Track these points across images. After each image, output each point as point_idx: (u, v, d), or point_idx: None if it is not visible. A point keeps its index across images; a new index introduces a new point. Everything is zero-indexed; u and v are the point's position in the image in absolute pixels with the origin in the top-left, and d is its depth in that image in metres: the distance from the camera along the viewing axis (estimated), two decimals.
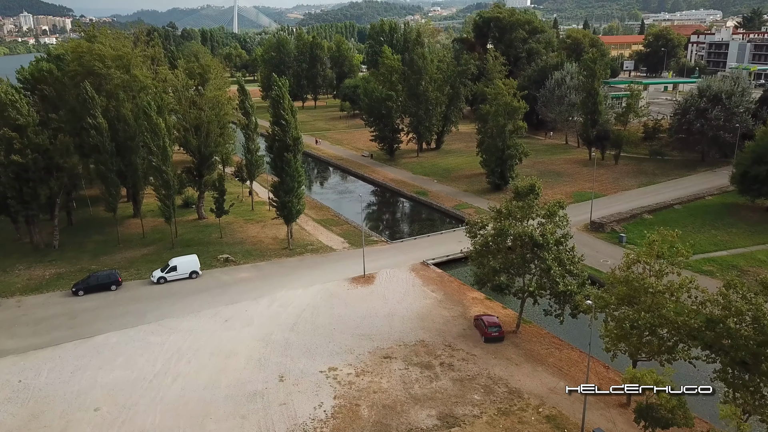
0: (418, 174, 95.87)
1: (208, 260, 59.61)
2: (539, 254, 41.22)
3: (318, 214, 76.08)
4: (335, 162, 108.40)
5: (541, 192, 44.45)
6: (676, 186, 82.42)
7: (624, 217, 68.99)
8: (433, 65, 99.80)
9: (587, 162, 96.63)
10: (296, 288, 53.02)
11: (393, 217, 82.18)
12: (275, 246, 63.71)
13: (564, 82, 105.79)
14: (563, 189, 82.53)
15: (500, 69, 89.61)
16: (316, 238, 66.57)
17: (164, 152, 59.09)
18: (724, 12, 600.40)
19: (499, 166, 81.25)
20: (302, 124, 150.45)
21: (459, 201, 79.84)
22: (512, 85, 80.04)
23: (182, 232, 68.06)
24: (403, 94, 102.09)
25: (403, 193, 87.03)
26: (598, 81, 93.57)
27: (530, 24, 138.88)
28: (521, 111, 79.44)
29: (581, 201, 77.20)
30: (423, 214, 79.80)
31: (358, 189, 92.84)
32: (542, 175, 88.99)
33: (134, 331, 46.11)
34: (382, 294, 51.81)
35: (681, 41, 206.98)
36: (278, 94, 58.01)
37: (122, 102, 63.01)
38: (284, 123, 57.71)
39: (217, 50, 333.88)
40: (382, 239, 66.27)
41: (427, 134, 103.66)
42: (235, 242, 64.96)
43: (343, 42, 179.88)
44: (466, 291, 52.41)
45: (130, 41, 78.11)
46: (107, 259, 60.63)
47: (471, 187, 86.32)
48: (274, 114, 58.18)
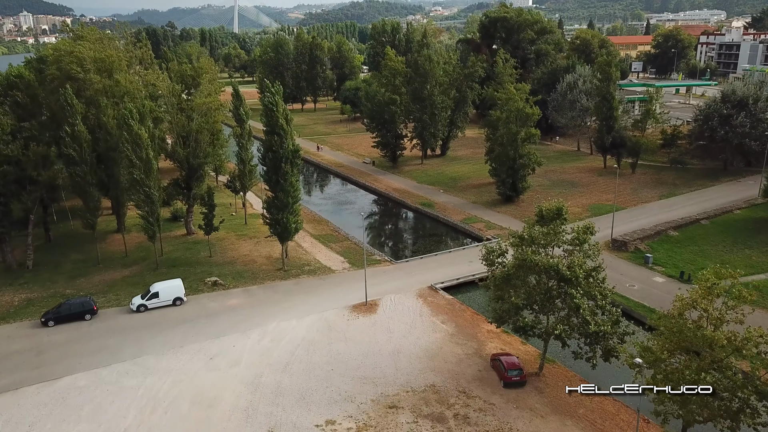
0: (423, 183, 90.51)
1: (195, 283, 54.31)
2: (567, 290, 35.83)
3: (316, 229, 70.73)
4: (335, 169, 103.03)
5: (568, 216, 38.93)
6: (699, 198, 77.00)
7: (648, 234, 63.54)
8: (438, 68, 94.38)
9: (602, 170, 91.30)
10: (290, 318, 47.69)
11: (397, 231, 76.75)
12: (269, 266, 58.37)
13: (576, 86, 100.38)
14: (579, 201, 77.14)
15: (511, 72, 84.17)
16: (313, 257, 61.22)
17: (147, 165, 53.78)
18: (728, 12, 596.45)
19: (511, 177, 75.87)
20: (301, 128, 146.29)
21: (467, 214, 74.45)
22: (524, 89, 74.66)
23: (169, 250, 62.76)
24: (407, 98, 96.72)
25: (407, 205, 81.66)
26: (613, 85, 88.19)
27: (539, 24, 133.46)
28: (534, 118, 74.06)
29: (599, 214, 71.87)
30: (429, 228, 74.41)
31: (359, 199, 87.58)
32: (555, 185, 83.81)
33: (107, 371, 40.79)
34: (387, 326, 46.45)
35: (691, 42, 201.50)
36: (271, 100, 52.60)
37: (103, 109, 57.61)
38: (281, 132, 52.40)
39: (216, 50, 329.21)
40: (385, 259, 60.90)
41: (432, 140, 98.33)
42: (226, 262, 59.62)
43: (343, 42, 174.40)
44: (479, 322, 47.04)
45: (114, 42, 72.80)
46: (84, 282, 55.32)
47: (480, 198, 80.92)
48: (268, 122, 52.84)
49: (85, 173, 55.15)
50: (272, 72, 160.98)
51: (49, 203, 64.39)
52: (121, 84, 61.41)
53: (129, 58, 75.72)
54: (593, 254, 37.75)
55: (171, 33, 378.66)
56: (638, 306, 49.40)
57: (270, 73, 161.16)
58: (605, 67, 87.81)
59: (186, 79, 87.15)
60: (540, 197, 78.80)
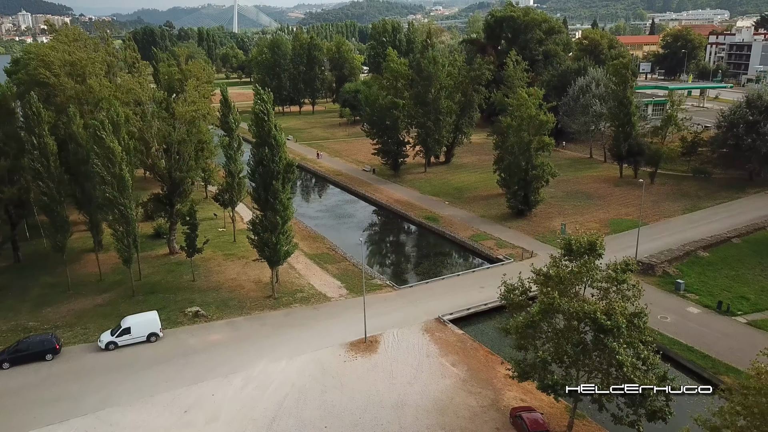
0: (427, 193, 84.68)
1: (174, 314, 48.51)
2: (606, 342, 29.96)
3: (311, 247, 64.89)
4: (333, 178, 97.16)
5: (603, 251, 33.03)
6: (726, 212, 71.19)
7: (676, 255, 57.67)
8: (444, 70, 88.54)
9: (618, 180, 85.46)
10: (279, 359, 41.87)
11: (399, 249, 70.67)
12: (257, 293, 52.54)
13: (589, 90, 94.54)
14: (596, 215, 71.31)
15: (521, 76, 78.26)
16: (307, 281, 55.39)
17: (121, 181, 47.96)
18: (731, 11, 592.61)
19: (522, 189, 70.00)
20: (299, 132, 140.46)
21: (476, 230, 68.61)
22: (538, 95, 68.83)
23: (148, 273, 56.95)
24: (410, 103, 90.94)
25: (410, 218, 75.81)
26: (630, 89, 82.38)
27: (547, 24, 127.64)
28: (549, 126, 68.25)
29: (619, 231, 66.11)
30: (434, 245, 68.56)
31: (358, 212, 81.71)
32: (569, 197, 78.02)
33: (63, 428, 34.99)
34: (389, 369, 40.64)
35: (701, 42, 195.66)
36: (262, 108, 46.77)
37: (73, 118, 51.75)
38: (273, 144, 46.60)
39: (213, 51, 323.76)
40: (386, 283, 55.02)
41: (436, 147, 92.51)
42: (210, 287, 53.80)
43: (343, 43, 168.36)
44: (495, 364, 41.23)
45: (93, 43, 67.06)
46: (51, 313, 49.51)
47: (488, 211, 75.07)
48: (259, 133, 47.03)
49: (52, 189, 49.32)
50: (269, 73, 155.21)
51: (17, 221, 58.65)
52: (94, 90, 55.54)
53: (110, 61, 69.96)
54: (634, 296, 31.94)
55: (169, 33, 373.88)
56: (673, 343, 43.59)
57: (267, 74, 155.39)
58: (621, 70, 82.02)
59: (174, 83, 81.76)
60: (553, 211, 73.12)
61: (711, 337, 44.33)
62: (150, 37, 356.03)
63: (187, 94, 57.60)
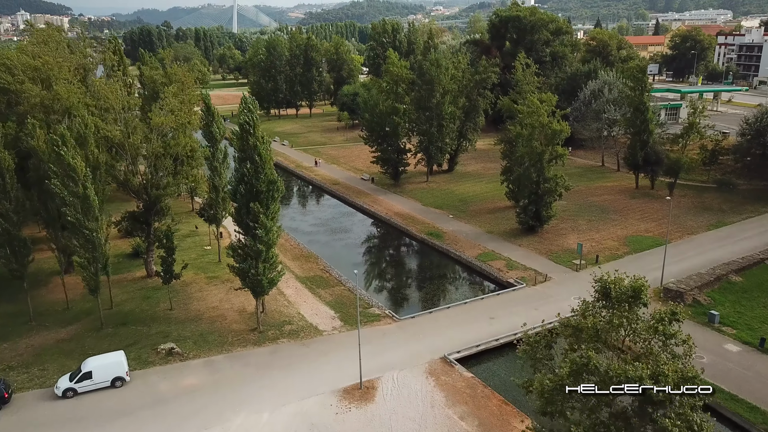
0: (429, 205, 79.10)
1: (146, 352, 42.93)
2: (655, 418, 24.36)
3: (303, 269, 59.28)
4: (329, 188, 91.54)
5: (648, 300, 27.40)
6: (755, 228, 65.68)
7: (706, 281, 52.05)
8: (447, 73, 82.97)
9: (634, 192, 79.89)
10: (261, 410, 36.27)
11: (399, 270, 64.46)
12: (241, 325, 46.96)
13: (601, 94, 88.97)
14: (613, 232, 65.72)
15: (531, 80, 72.60)
16: (297, 310, 49.79)
17: (85, 202, 42.39)
18: (734, 12, 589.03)
19: (534, 203, 64.40)
20: (295, 137, 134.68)
21: (483, 248, 63.01)
22: (551, 101, 63.27)
23: (121, 300, 51.36)
24: (411, 108, 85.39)
25: (411, 234, 70.23)
26: (647, 93, 76.85)
27: (554, 24, 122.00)
28: (563, 135, 62.68)
29: (640, 250, 60.64)
30: (438, 265, 63.01)
31: (355, 226, 76.07)
32: (583, 211, 72.47)
33: None
34: (387, 424, 35.04)
35: (711, 43, 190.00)
36: (248, 119, 41.18)
37: (32, 129, 46.11)
38: (258, 160, 41.05)
39: (211, 51, 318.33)
40: (385, 313, 49.39)
41: (439, 155, 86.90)
42: (189, 318, 48.23)
43: (341, 43, 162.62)
44: (510, 417, 35.63)
45: (65, 45, 61.54)
46: (6, 350, 43.88)
47: (496, 226, 69.47)
48: (242, 147, 41.51)
49: (8, 211, 43.72)
50: (264, 75, 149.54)
51: None
52: (62, 97, 49.95)
53: (85, 64, 64.40)
54: (686, 354, 26.38)
55: (166, 33, 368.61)
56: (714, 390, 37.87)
57: (262, 76, 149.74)
58: (637, 74, 76.48)
59: (158, 88, 76.30)
60: (566, 227, 67.56)
61: (756, 382, 38.81)
62: (147, 37, 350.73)
63: (164, 102, 51.86)
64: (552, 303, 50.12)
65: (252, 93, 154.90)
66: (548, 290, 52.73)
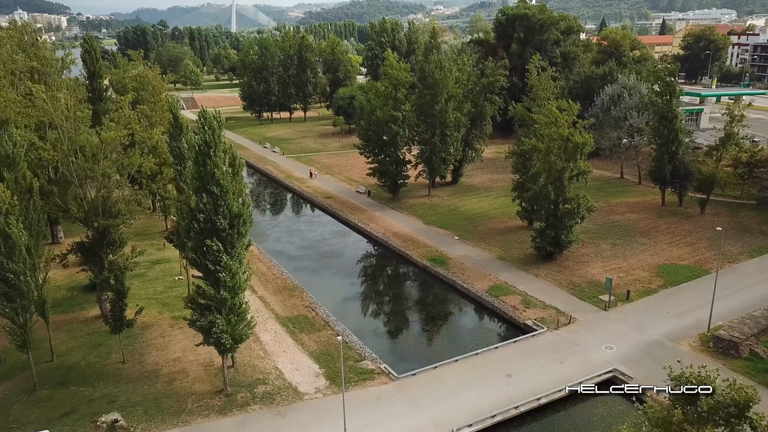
0: (431, 224, 70.84)
1: (82, 426, 34.65)
2: None
3: (285, 306, 50.94)
4: (321, 202, 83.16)
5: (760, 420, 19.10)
6: None
7: (763, 327, 43.67)
8: (451, 76, 74.70)
9: (660, 209, 71.58)
10: None
11: (397, 308, 54.48)
12: (205, 385, 38.67)
13: (622, 100, 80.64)
14: (642, 259, 57.44)
15: (548, 85, 64.24)
16: (274, 363, 41.49)
17: (6, 240, 34.19)
18: (738, 11, 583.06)
19: (552, 227, 56.08)
20: (287, 143, 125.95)
21: (494, 279, 54.75)
22: (573, 110, 55.01)
23: (66, 349, 43.09)
24: (412, 115, 77.13)
25: (411, 260, 61.96)
26: (676, 100, 68.61)
27: (565, 22, 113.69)
28: (586, 149, 54.42)
29: (676, 283, 52.53)
30: (442, 300, 54.67)
31: (348, 249, 67.65)
32: (605, 232, 64.28)
33: None
34: None
35: (726, 42, 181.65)
36: (207, 139, 32.86)
37: None
38: (217, 191, 32.78)
39: (206, 51, 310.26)
40: (380, 368, 41.00)
41: (442, 167, 78.57)
42: (143, 374, 39.96)
43: (338, 43, 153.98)
44: None
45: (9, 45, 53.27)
46: None
47: (508, 251, 61.18)
48: (199, 174, 33.27)
49: None
50: (256, 77, 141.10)
51: None
52: None
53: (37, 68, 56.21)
54: None
55: (161, 32, 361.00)
56: None
57: (254, 77, 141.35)
58: (665, 77, 68.20)
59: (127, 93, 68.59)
60: (589, 252, 59.27)
61: None
62: (141, 36, 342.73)
63: (118, 114, 43.52)
64: (580, 353, 42.20)
65: (243, 95, 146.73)
66: (574, 336, 44.51)
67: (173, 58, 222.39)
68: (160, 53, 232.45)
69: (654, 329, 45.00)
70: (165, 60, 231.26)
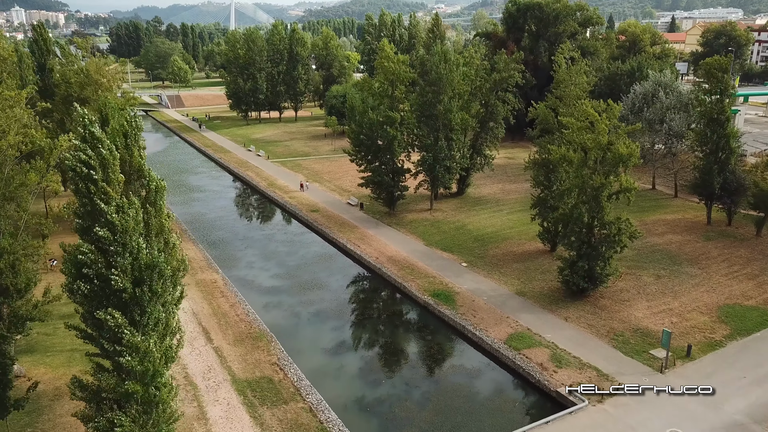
0: (434, 246, 59.52)
1: None
2: None
3: (246, 362, 39.48)
4: (305, 216, 71.66)
5: None
6: None
7: None
8: (458, 71, 63.40)
9: (706, 230, 60.27)
10: None
11: (391, 366, 42.14)
12: None
13: (657, 100, 69.31)
14: (697, 296, 46.10)
15: (580, 81, 52.78)
16: None
17: None
18: (744, 10, 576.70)
19: (586, 258, 44.63)
20: (273, 145, 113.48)
21: (513, 324, 43.42)
22: (615, 112, 43.73)
23: None
24: (411, 116, 65.91)
25: (410, 294, 50.53)
26: (729, 100, 57.35)
27: (583, 12, 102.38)
28: (632, 161, 43.10)
29: (745, 332, 41.38)
30: (448, 352, 43.24)
31: (333, 279, 55.94)
32: (645, 259, 53.03)
33: None
34: None
35: (749, 39, 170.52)
36: (85, 157, 21.62)
37: None
38: (106, 235, 21.52)
39: (199, 48, 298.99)
40: None
41: (446, 177, 67.21)
42: None
43: (331, 37, 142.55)
44: None
45: None
46: None
47: (528, 283, 49.86)
48: (81, 212, 22.11)
49: None
50: (242, 74, 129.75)
51: None
52: None
53: None
54: None
55: (155, 28, 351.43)
56: None
57: (240, 74, 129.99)
58: (717, 72, 56.84)
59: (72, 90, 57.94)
60: (629, 287, 47.88)
61: None
62: (134, 33, 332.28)
63: (6, 114, 32.11)
64: None
65: (228, 93, 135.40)
66: (624, 413, 33.19)
67: (161, 55, 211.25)
68: (147, 49, 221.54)
69: (731, 404, 33.72)
70: (153, 56, 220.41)
